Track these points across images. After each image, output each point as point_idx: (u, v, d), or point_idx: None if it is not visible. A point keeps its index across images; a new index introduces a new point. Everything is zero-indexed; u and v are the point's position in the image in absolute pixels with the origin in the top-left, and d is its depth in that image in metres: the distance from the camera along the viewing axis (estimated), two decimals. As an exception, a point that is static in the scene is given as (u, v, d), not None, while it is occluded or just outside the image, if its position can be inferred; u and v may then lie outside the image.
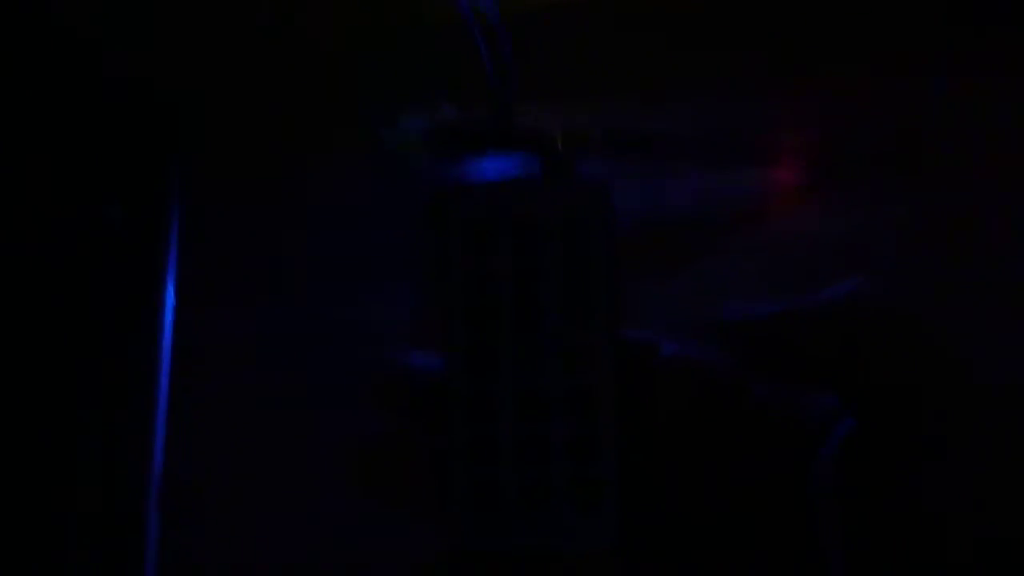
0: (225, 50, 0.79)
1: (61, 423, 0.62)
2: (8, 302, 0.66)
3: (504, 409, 0.28)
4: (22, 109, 0.73)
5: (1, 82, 0.72)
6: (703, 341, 0.28)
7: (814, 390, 0.27)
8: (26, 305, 0.66)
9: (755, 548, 0.26)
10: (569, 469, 0.27)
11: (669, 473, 0.27)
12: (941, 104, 0.66)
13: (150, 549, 0.58)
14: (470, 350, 0.28)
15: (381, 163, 0.75)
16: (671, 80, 0.74)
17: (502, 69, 0.69)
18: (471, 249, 0.28)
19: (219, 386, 0.65)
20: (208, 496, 0.62)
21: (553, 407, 0.28)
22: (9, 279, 0.67)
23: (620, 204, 0.28)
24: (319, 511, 0.59)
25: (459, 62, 0.71)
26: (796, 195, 0.69)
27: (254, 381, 0.65)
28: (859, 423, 0.25)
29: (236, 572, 0.61)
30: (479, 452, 0.28)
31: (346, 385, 0.55)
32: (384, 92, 0.78)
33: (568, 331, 0.28)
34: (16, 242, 0.68)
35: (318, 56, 0.79)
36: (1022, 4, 0.68)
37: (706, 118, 0.73)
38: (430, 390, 0.28)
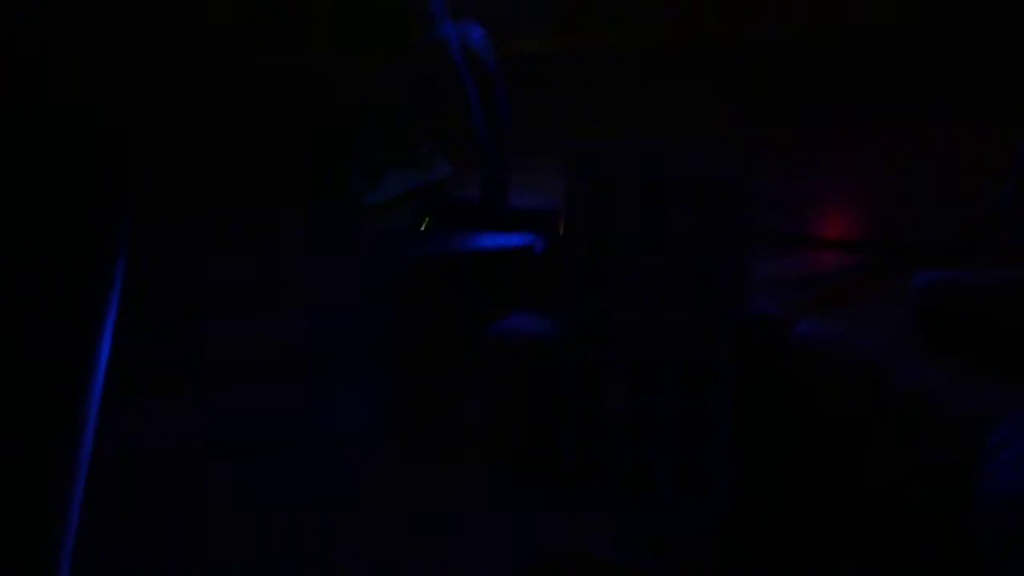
0: (187, 92, 0.76)
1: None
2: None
3: (616, 380, 0.26)
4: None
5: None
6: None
7: (989, 378, 0.23)
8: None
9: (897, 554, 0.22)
10: (680, 450, 0.25)
11: (794, 460, 0.24)
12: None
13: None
14: (588, 315, 0.26)
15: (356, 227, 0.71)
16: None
17: (498, 130, 0.65)
18: (599, 207, 0.27)
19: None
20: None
21: (667, 382, 0.25)
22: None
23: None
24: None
25: (451, 116, 0.68)
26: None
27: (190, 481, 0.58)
28: None
29: None
30: (589, 424, 0.26)
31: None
32: (368, 147, 0.75)
33: (690, 300, 0.26)
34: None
35: (298, 106, 0.76)
36: None
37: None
38: (544, 356, 0.26)
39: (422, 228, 0.66)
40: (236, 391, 0.60)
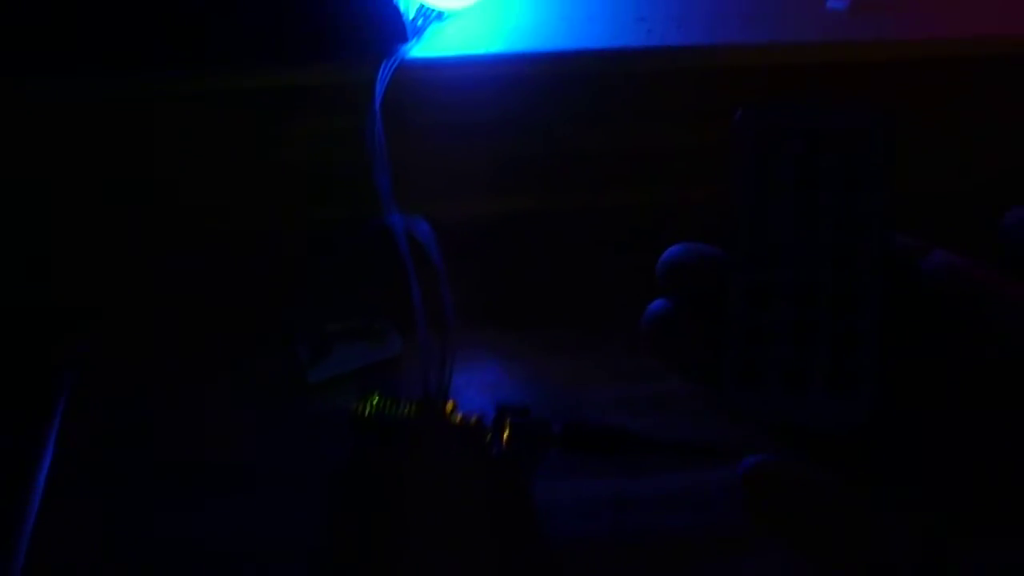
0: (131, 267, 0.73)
1: None
2: None
3: (778, 298, 0.31)
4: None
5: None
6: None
7: None
8: None
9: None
10: (831, 356, 0.30)
11: (926, 376, 0.29)
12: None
13: None
14: (754, 245, 0.31)
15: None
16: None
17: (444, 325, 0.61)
18: (762, 156, 0.32)
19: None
20: None
21: (822, 300, 0.31)
22: None
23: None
24: None
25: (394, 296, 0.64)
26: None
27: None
28: None
29: None
30: (753, 334, 0.31)
31: None
32: (317, 315, 0.71)
33: (841, 233, 0.31)
34: None
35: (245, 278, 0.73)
36: None
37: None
38: (715, 275, 0.31)
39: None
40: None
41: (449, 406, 0.66)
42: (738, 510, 0.30)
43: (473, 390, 0.68)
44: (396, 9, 0.61)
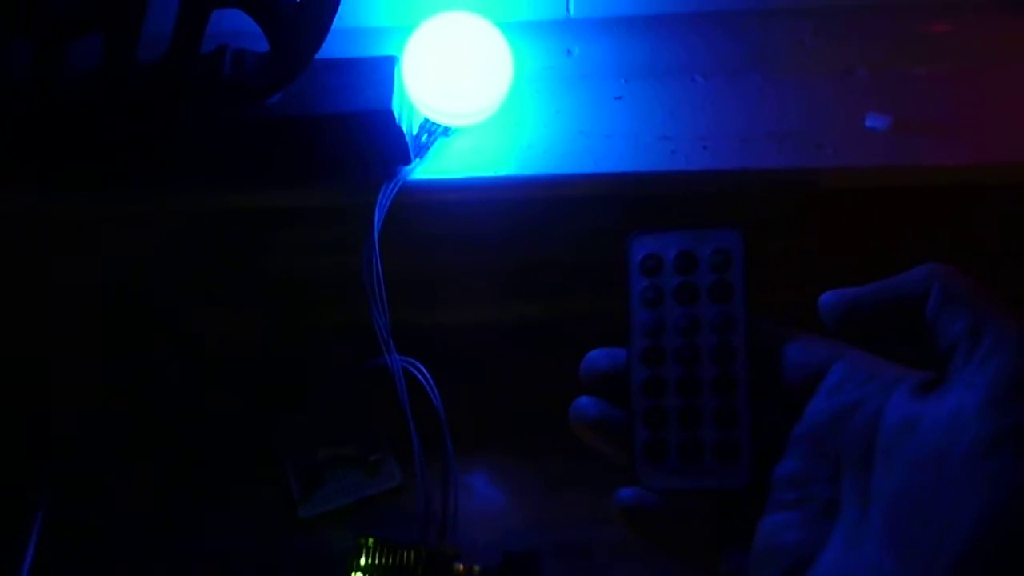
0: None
1: None
2: None
3: (670, 388, 0.38)
4: None
5: None
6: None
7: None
8: None
9: None
10: (717, 431, 0.37)
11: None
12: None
13: None
14: (646, 347, 0.38)
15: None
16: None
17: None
18: (648, 273, 0.39)
19: None
20: None
21: (705, 387, 0.38)
22: None
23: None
24: None
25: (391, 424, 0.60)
26: None
27: None
28: None
29: None
30: (651, 420, 0.38)
31: None
32: (308, 440, 0.66)
33: (716, 334, 0.38)
34: None
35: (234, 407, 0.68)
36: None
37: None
38: (618, 376, 0.39)
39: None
40: None
41: (452, 552, 0.61)
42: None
43: (476, 529, 0.63)
44: (399, 131, 0.56)
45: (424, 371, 0.56)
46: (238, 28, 0.53)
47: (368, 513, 0.65)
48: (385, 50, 0.62)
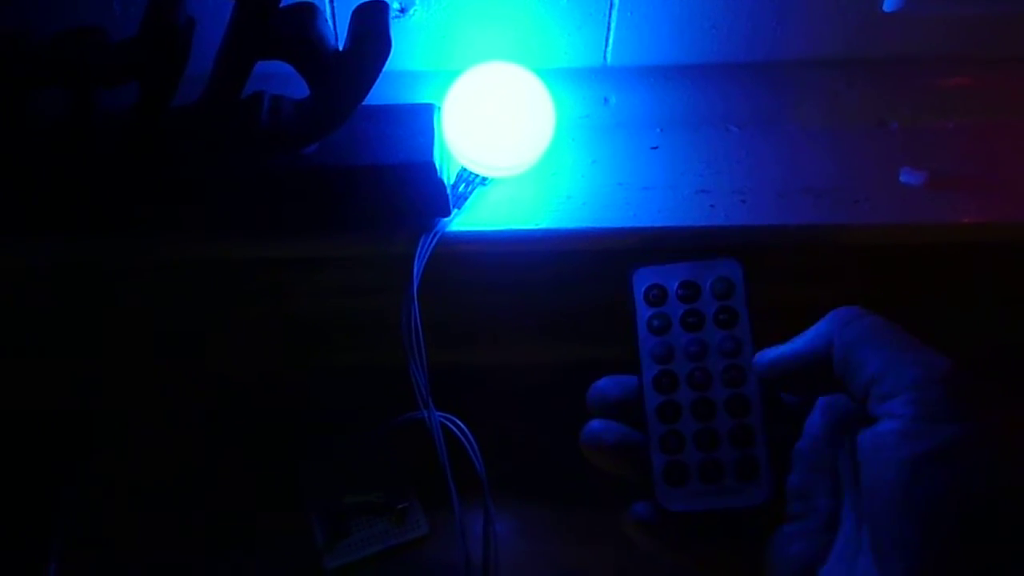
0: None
1: None
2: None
3: (685, 412, 0.39)
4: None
5: None
6: None
7: None
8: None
9: None
10: (735, 451, 0.38)
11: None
12: None
13: None
14: (658, 373, 0.40)
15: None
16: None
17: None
18: (654, 304, 0.41)
19: None
20: None
21: (720, 409, 0.39)
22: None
23: None
24: None
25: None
26: None
27: None
28: None
29: None
30: (669, 444, 0.38)
31: None
32: (334, 486, 0.65)
33: (724, 357, 0.39)
34: None
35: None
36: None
37: None
38: (627, 403, 0.40)
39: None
40: None
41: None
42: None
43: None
44: (441, 183, 0.55)
45: (464, 428, 0.55)
46: (270, 70, 0.52)
47: (395, 563, 0.64)
48: (420, 94, 0.61)
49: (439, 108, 0.58)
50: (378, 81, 0.53)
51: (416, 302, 0.54)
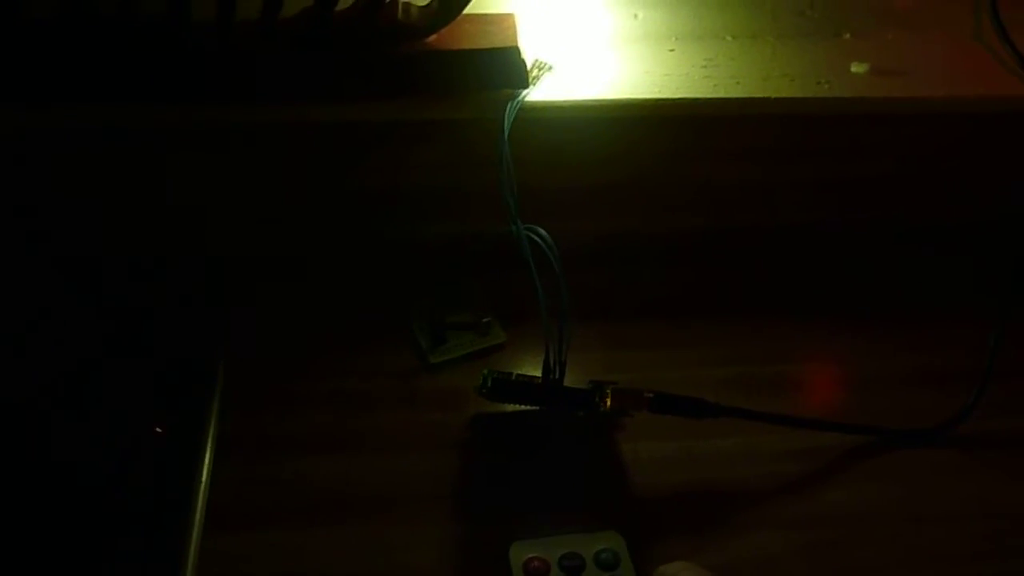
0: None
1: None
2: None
3: None
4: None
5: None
6: None
7: None
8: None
9: None
10: None
11: None
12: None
13: None
14: None
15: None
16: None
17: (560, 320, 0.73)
18: None
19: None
20: None
21: None
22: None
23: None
24: None
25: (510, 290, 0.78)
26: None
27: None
28: None
29: None
30: None
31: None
32: (436, 312, 0.86)
33: None
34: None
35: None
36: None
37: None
38: None
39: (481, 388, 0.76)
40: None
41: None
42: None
43: (578, 371, 0.79)
44: (523, 63, 0.77)
45: (545, 236, 0.75)
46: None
47: (481, 362, 0.85)
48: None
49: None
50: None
51: (507, 144, 0.76)
